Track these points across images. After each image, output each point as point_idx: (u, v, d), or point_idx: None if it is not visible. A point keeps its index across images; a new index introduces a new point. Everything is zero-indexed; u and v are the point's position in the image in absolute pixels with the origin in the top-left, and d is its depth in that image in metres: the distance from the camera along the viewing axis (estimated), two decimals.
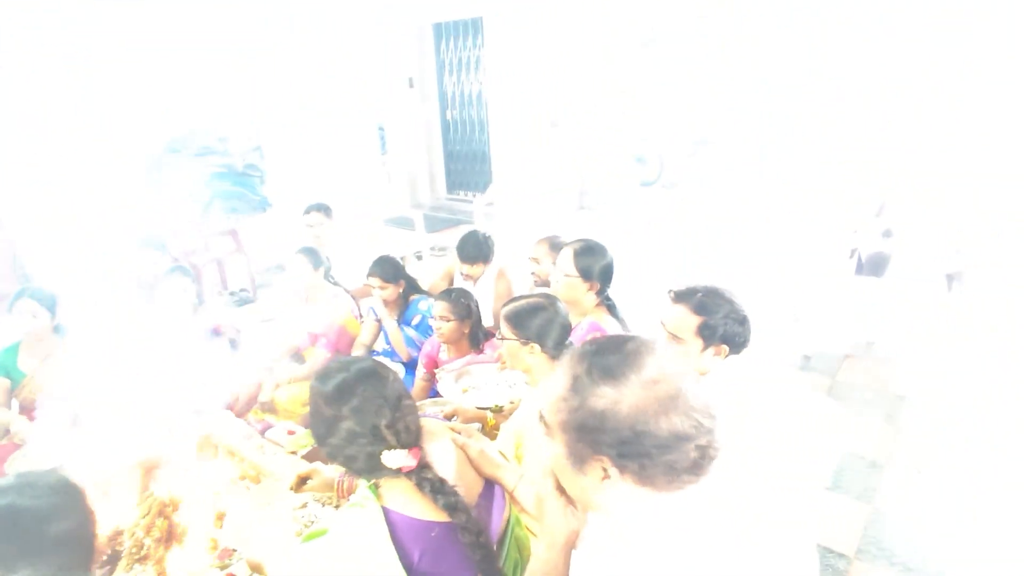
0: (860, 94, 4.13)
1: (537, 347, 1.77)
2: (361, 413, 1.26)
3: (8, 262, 4.20)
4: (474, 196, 7.37)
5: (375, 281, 2.89)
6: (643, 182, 5.17)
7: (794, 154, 4.37)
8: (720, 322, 1.66)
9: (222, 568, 1.78)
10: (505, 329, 1.81)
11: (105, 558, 2.07)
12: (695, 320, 1.68)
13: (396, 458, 1.23)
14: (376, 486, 1.29)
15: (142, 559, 2.01)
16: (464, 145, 7.52)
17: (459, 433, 1.48)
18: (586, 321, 2.15)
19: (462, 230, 6.41)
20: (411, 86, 7.36)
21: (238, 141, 9.58)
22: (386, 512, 1.24)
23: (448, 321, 2.54)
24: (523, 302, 1.86)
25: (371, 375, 1.31)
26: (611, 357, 0.93)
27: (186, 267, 3.10)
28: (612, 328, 2.16)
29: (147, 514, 2.11)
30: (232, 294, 4.98)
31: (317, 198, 4.18)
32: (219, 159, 8.10)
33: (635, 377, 0.89)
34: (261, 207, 7.35)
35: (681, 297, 1.73)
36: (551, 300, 1.86)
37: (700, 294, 1.71)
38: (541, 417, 0.99)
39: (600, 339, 1.00)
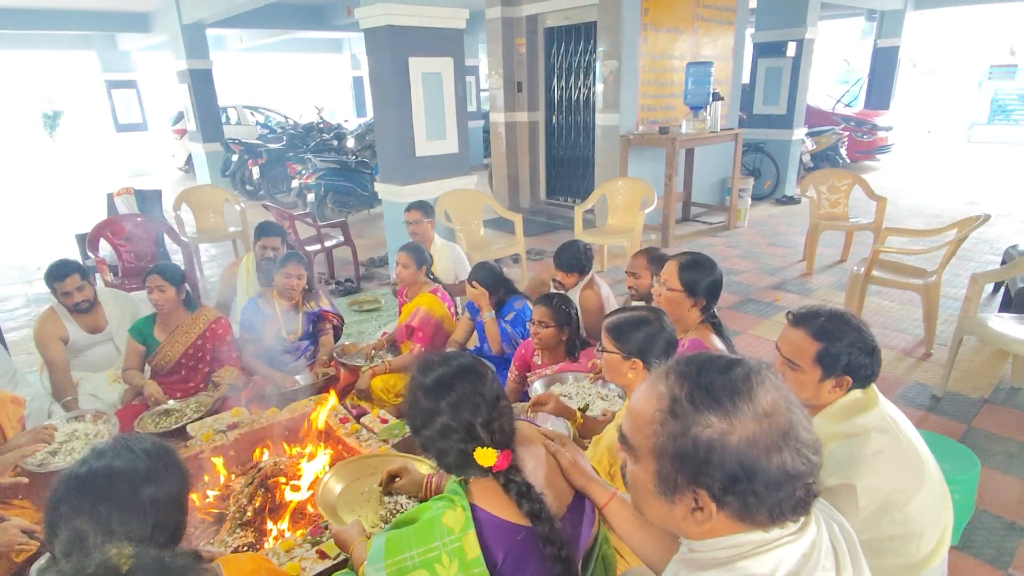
0: None
1: (639, 362, 1.71)
2: (458, 409, 1.25)
3: (152, 243, 4.66)
4: (574, 202, 7.34)
5: (476, 287, 2.94)
6: None
7: None
8: (844, 350, 1.51)
9: (313, 544, 1.85)
10: (607, 341, 1.76)
11: (212, 519, 2.23)
12: (814, 346, 1.53)
13: (488, 457, 1.21)
14: (465, 482, 1.28)
15: (243, 524, 2.14)
16: (567, 150, 7.50)
17: (552, 440, 1.45)
18: (688, 340, 2.05)
19: (559, 235, 6.46)
20: (519, 90, 7.45)
21: (352, 139, 10.17)
22: (473, 509, 1.22)
23: (547, 327, 2.51)
24: (628, 315, 1.79)
25: (471, 372, 1.31)
26: (717, 380, 0.84)
27: (301, 255, 3.27)
28: (717, 350, 2.04)
29: (251, 483, 2.24)
30: (338, 284, 5.25)
31: (420, 196, 4.34)
32: (334, 155, 8.62)
33: (748, 407, 0.81)
34: (369, 203, 7.72)
35: (800, 320, 1.59)
36: (657, 315, 1.79)
37: (823, 318, 1.56)
38: (624, 437, 0.92)
39: (699, 357, 0.90)
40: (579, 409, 2.15)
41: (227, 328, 3.09)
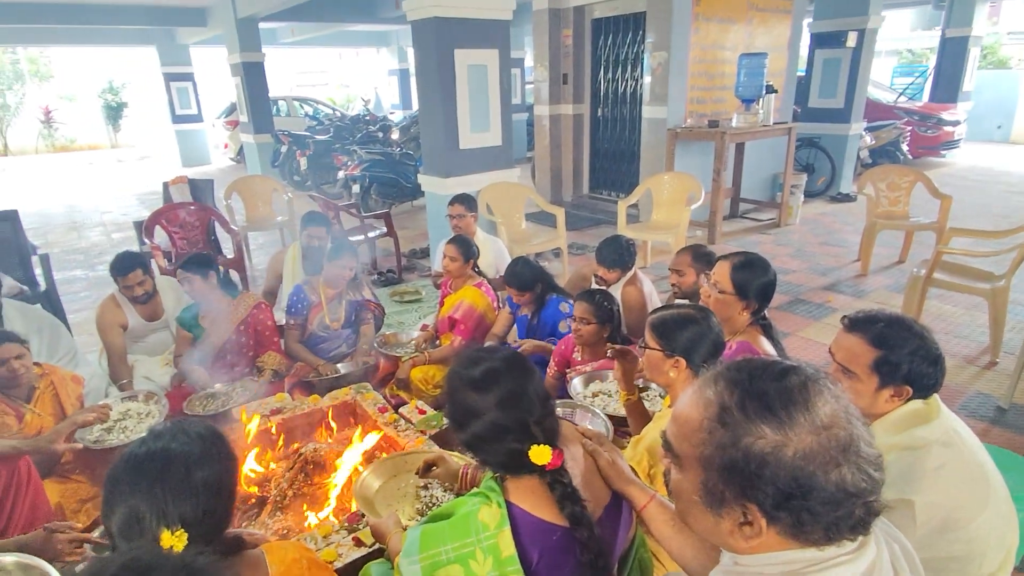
0: None
1: (683, 361, 1.65)
2: (511, 406, 1.21)
3: (204, 231, 4.81)
4: (618, 196, 7.23)
5: (513, 292, 2.94)
6: None
7: None
8: (904, 359, 1.42)
9: (350, 532, 1.87)
10: (649, 338, 1.70)
11: (253, 501, 2.29)
12: (872, 353, 1.44)
13: (543, 455, 1.17)
14: (501, 479, 1.25)
15: (283, 508, 2.18)
16: (612, 144, 7.39)
17: (590, 440, 1.41)
18: (736, 343, 1.97)
19: (602, 230, 6.38)
20: (565, 82, 7.36)
21: (397, 131, 10.28)
22: (509, 507, 1.20)
23: (588, 323, 2.47)
24: (674, 312, 1.74)
25: (521, 367, 1.27)
26: (771, 389, 0.79)
27: (353, 247, 3.31)
28: (766, 353, 1.96)
29: (291, 468, 2.28)
30: (380, 274, 5.31)
31: (463, 189, 4.34)
32: (379, 147, 8.73)
33: (804, 419, 0.76)
34: (413, 194, 7.79)
35: (857, 325, 1.50)
36: (704, 313, 1.72)
37: (881, 323, 1.47)
38: (668, 443, 0.87)
39: (751, 363, 0.85)
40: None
41: (268, 313, 3.15)
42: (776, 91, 6.09)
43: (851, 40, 7.17)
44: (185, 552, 1.04)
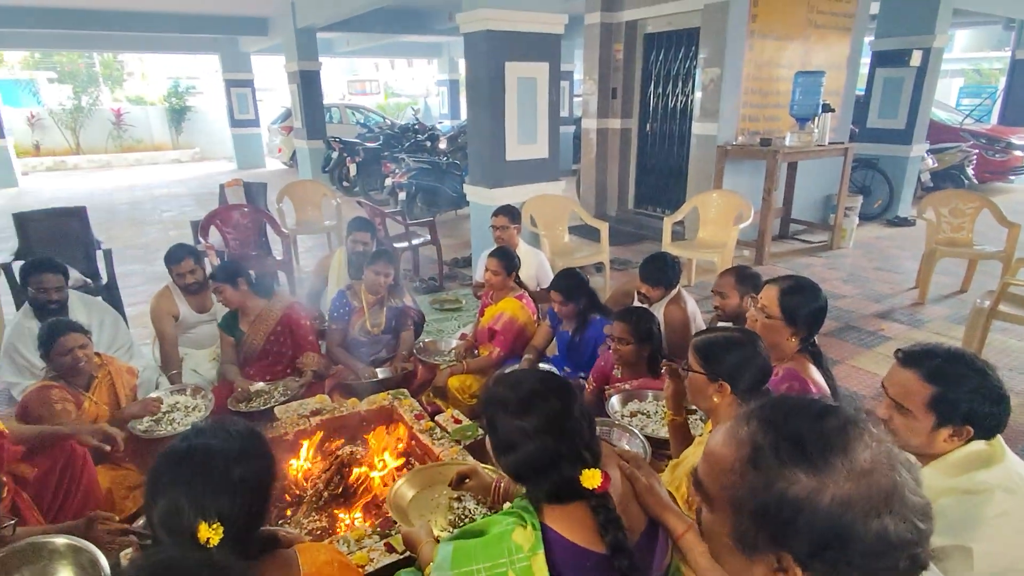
0: None
1: (727, 387, 1.60)
2: (558, 429, 1.17)
3: (255, 232, 4.98)
4: (663, 212, 7.14)
5: (556, 296, 2.89)
6: None
7: None
8: (964, 397, 1.34)
9: (382, 537, 1.88)
10: (693, 361, 1.66)
11: (290, 499, 2.33)
12: (927, 390, 1.37)
13: (594, 478, 1.14)
14: (536, 499, 1.23)
15: (318, 509, 2.21)
16: (659, 159, 7.31)
17: (628, 462, 1.38)
18: (783, 370, 1.90)
19: (646, 245, 6.30)
20: (614, 96, 7.34)
21: (445, 140, 10.42)
22: (544, 529, 1.18)
23: (626, 343, 2.43)
24: (719, 335, 1.69)
25: (562, 386, 1.25)
26: (807, 431, 0.75)
27: (391, 253, 3.36)
28: (814, 382, 1.89)
29: (328, 469, 2.32)
30: (422, 281, 5.38)
31: (508, 200, 4.36)
32: (426, 156, 8.88)
33: (842, 464, 0.71)
34: (457, 203, 7.88)
35: (912, 360, 1.42)
36: (751, 337, 1.67)
37: (939, 359, 1.39)
38: (699, 482, 0.84)
39: (787, 402, 0.81)
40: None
41: (301, 312, 3.18)
42: (833, 110, 5.92)
43: (915, 59, 6.92)
44: (219, 548, 1.07)
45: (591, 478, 1.14)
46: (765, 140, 5.64)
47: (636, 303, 3.10)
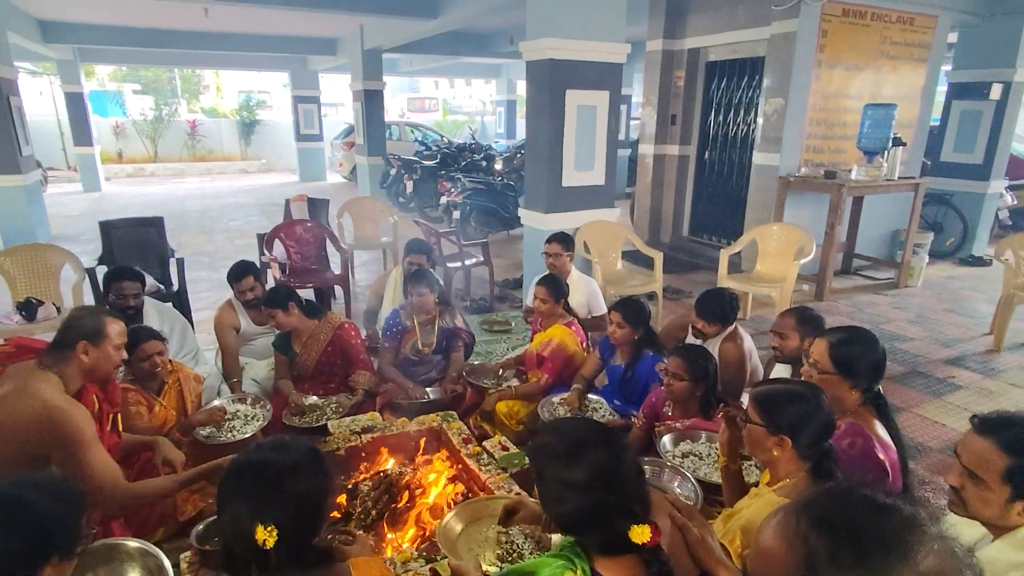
0: None
1: (788, 441, 1.55)
2: (608, 483, 1.15)
3: (316, 246, 5.15)
4: (719, 242, 7.00)
5: (616, 317, 2.86)
6: None
7: None
8: None
9: (428, 562, 1.90)
10: (753, 412, 1.62)
11: (338, 515, 2.38)
12: (1004, 460, 1.29)
13: (643, 534, 1.11)
14: (586, 549, 1.21)
15: (365, 527, 2.25)
16: (717, 188, 7.19)
17: (680, 512, 1.35)
18: (846, 424, 1.82)
19: (700, 275, 6.19)
20: (673, 123, 7.29)
21: (501, 161, 10.56)
22: (594, 574, 1.16)
23: (680, 380, 2.39)
24: (780, 387, 1.65)
25: (611, 436, 1.24)
26: (865, 534, 0.71)
27: (428, 273, 3.39)
28: (878, 438, 1.80)
29: (377, 488, 2.35)
30: (472, 301, 5.43)
31: (563, 226, 4.37)
32: (482, 176, 9.01)
33: (904, 570, 0.68)
34: (510, 224, 7.95)
35: (989, 427, 1.34)
36: (814, 391, 1.62)
37: (1018, 428, 1.32)
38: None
39: (840, 497, 0.78)
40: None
41: (351, 332, 3.24)
42: (904, 144, 5.70)
43: (995, 92, 6.60)
44: (275, 551, 1.16)
45: (641, 534, 1.11)
46: (830, 173, 5.47)
47: (690, 337, 3.05)
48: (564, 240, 3.80)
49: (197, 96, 23.27)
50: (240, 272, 3.38)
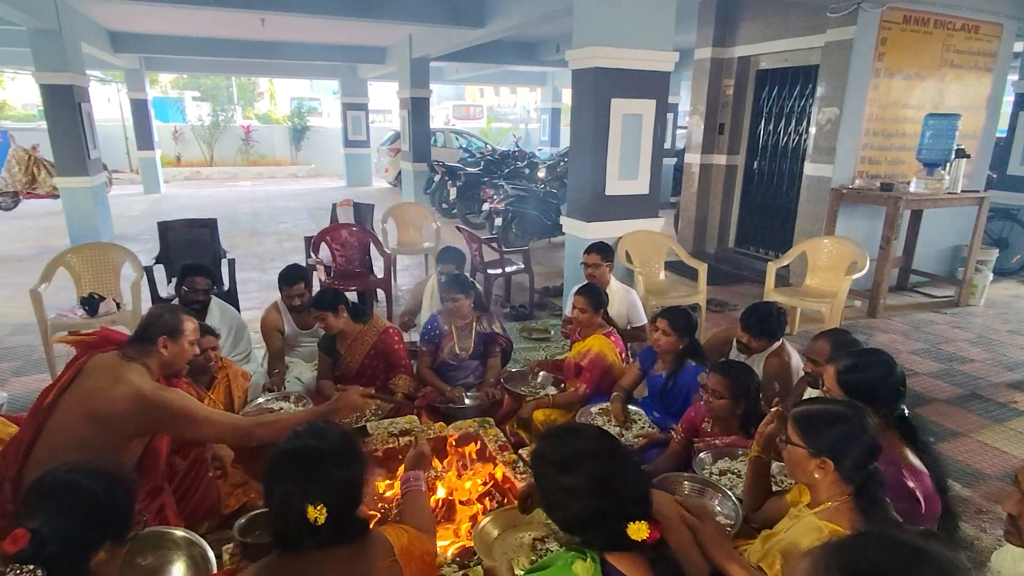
0: None
1: (830, 464, 1.48)
2: (603, 488, 1.22)
3: (361, 250, 5.26)
4: (766, 254, 6.82)
5: (662, 324, 2.82)
6: None
7: None
8: None
9: (461, 567, 1.89)
10: (793, 433, 1.55)
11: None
12: None
13: (641, 531, 1.19)
14: (591, 547, 1.26)
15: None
16: (766, 199, 7.01)
17: (690, 513, 1.43)
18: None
19: (746, 288, 6.04)
20: (721, 132, 7.16)
21: (544, 169, 10.56)
22: (603, 563, 1.21)
23: (720, 397, 2.33)
24: (821, 407, 1.58)
25: (608, 443, 1.30)
26: None
27: (462, 279, 3.41)
28: (907, 464, 1.71)
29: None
30: (512, 308, 5.44)
31: (605, 235, 4.33)
32: (524, 183, 9.03)
33: None
34: (552, 232, 7.94)
35: None
36: (857, 412, 1.54)
37: None
38: None
39: (869, 545, 0.74)
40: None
41: (394, 337, 3.28)
42: (968, 156, 5.44)
43: None
44: (325, 526, 1.26)
45: (638, 531, 1.18)
46: (886, 185, 5.27)
47: (735, 351, 2.97)
48: (603, 250, 3.76)
49: (252, 103, 24.16)
50: (293, 277, 3.48)
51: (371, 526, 1.46)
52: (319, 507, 1.25)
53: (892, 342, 4.82)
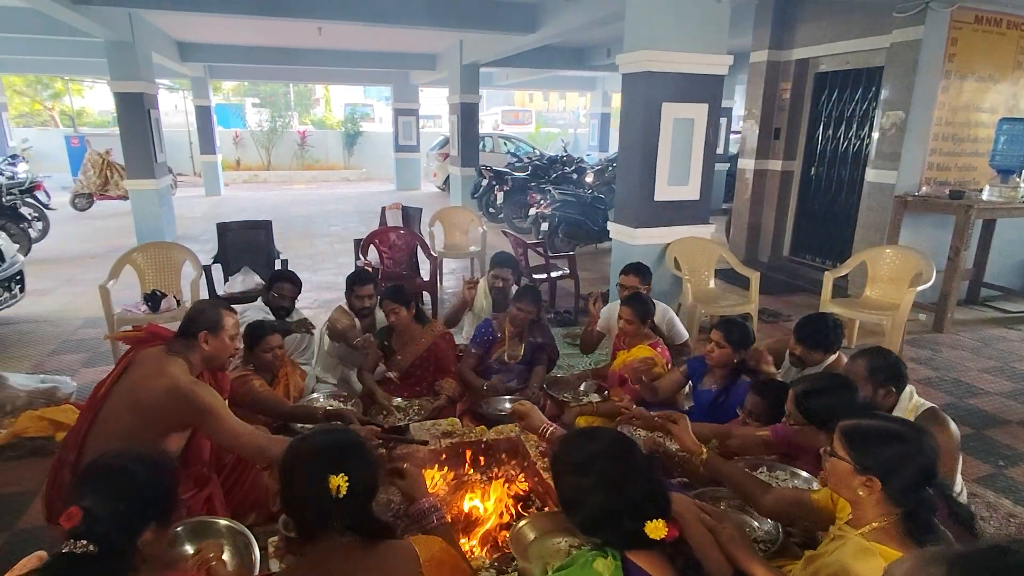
0: None
1: (877, 483, 1.35)
2: (617, 487, 1.25)
3: (408, 253, 5.33)
4: (823, 263, 6.56)
5: (717, 336, 2.74)
6: None
7: None
8: None
9: (499, 572, 1.88)
10: (839, 445, 1.43)
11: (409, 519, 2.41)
12: None
13: (659, 529, 1.21)
14: (611, 546, 1.29)
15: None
16: (823, 206, 6.75)
17: (709, 516, 1.45)
18: None
19: (800, 298, 5.82)
20: (776, 137, 6.94)
21: (592, 174, 10.49)
22: (625, 560, 1.23)
23: (757, 419, 2.24)
24: (876, 422, 1.44)
25: (622, 444, 1.33)
26: None
27: (537, 292, 3.42)
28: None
29: (452, 492, 2.37)
30: (556, 314, 5.40)
31: (653, 241, 4.25)
32: (572, 188, 8.98)
33: None
34: (598, 237, 7.86)
35: None
36: (916, 433, 1.41)
37: None
38: None
39: (988, 552, 0.70)
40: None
41: (449, 342, 3.36)
42: None
43: None
44: (347, 500, 1.31)
45: (656, 529, 1.21)
46: (956, 192, 4.99)
47: (787, 364, 2.86)
48: (641, 272, 3.61)
49: (308, 109, 24.94)
50: (365, 278, 3.56)
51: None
52: (340, 475, 1.30)
53: (960, 359, 4.55)
